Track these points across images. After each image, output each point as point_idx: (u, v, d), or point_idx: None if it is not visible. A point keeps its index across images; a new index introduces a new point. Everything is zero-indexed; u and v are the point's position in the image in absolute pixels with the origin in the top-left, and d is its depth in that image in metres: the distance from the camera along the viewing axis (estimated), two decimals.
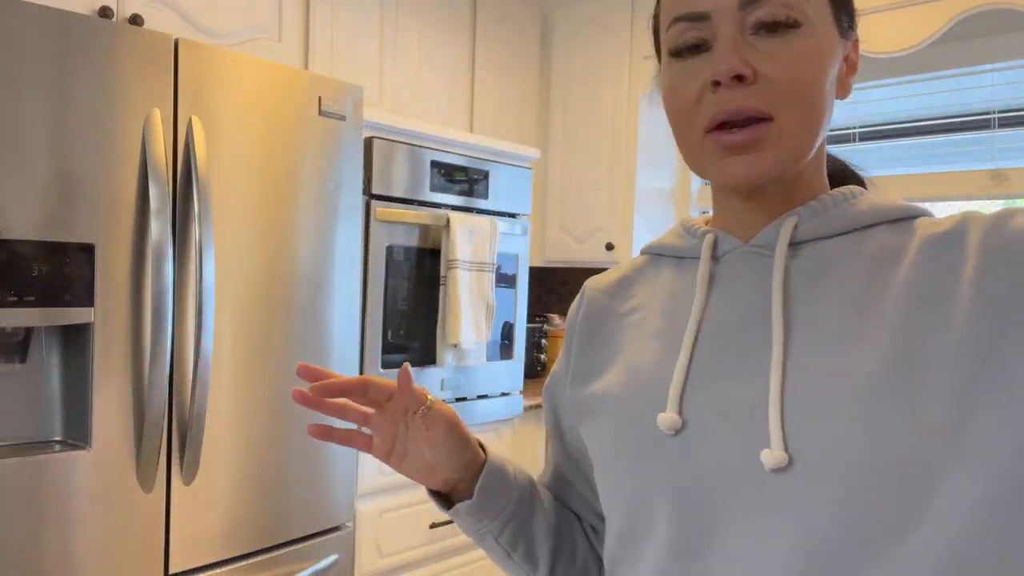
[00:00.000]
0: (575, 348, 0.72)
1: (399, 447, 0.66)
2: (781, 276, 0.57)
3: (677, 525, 0.56)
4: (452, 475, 0.67)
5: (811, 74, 0.55)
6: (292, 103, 1.65)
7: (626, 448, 0.60)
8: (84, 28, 1.33)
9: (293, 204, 1.67)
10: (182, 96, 1.47)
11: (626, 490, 0.61)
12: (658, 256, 0.70)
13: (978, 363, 0.48)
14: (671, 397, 0.57)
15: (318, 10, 2.12)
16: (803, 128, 0.55)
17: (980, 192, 2.23)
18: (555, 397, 0.76)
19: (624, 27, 2.61)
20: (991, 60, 2.23)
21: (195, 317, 1.47)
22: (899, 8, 2.03)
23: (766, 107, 0.54)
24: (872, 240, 0.57)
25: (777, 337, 0.54)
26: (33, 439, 1.38)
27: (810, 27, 0.55)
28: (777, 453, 0.51)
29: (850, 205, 0.59)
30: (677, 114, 0.59)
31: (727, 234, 0.62)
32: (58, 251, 1.31)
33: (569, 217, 2.75)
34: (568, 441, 0.75)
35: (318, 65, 2.13)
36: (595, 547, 0.76)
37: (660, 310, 0.65)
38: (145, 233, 1.42)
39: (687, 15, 0.56)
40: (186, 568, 1.51)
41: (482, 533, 0.69)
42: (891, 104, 2.48)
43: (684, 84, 0.57)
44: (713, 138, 0.56)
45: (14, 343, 1.37)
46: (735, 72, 0.53)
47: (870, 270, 0.55)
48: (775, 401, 0.52)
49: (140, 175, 1.41)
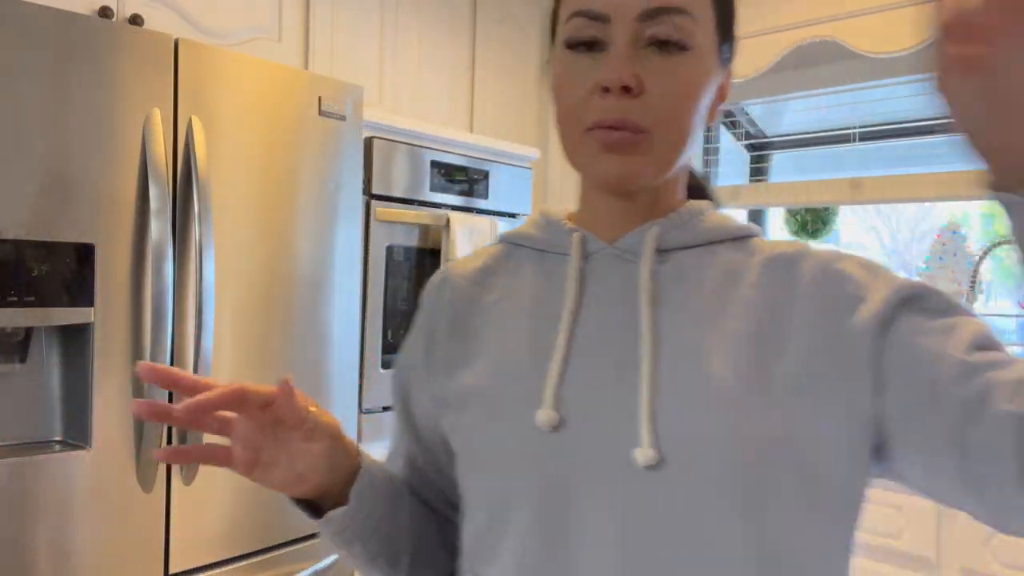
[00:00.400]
0: (440, 335, 0.70)
1: (265, 458, 0.59)
2: (648, 281, 0.61)
3: (546, 518, 0.58)
4: (327, 484, 0.63)
5: (690, 99, 0.59)
6: (292, 103, 1.65)
7: (497, 442, 0.61)
8: (84, 28, 1.33)
9: (293, 204, 1.67)
10: (182, 96, 1.47)
11: (495, 483, 0.62)
12: (517, 246, 0.71)
13: (806, 383, 0.55)
14: (548, 394, 0.59)
15: (318, 10, 2.12)
16: (673, 146, 0.60)
17: (980, 192, 2.23)
18: (407, 385, 0.73)
19: None
20: None
21: (195, 317, 1.47)
22: (899, 8, 2.04)
23: (645, 123, 0.58)
24: (720, 255, 0.62)
25: (646, 340, 0.58)
26: (33, 439, 1.38)
27: (697, 53, 0.59)
28: (648, 451, 0.54)
29: (702, 220, 0.64)
30: (564, 108, 0.61)
31: (592, 235, 0.65)
32: (58, 251, 1.31)
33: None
34: (422, 431, 0.72)
35: (318, 65, 2.13)
36: (448, 539, 0.75)
37: (527, 304, 0.66)
38: (145, 233, 1.42)
39: (588, 12, 0.59)
40: (186, 568, 1.51)
41: (350, 540, 0.65)
42: (891, 104, 2.48)
43: (574, 81, 0.60)
44: (593, 135, 0.59)
45: (14, 343, 1.37)
46: (624, 83, 0.56)
47: (721, 283, 0.60)
48: (645, 402, 0.56)
49: (140, 175, 1.41)
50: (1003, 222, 0.45)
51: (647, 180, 0.60)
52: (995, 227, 3.23)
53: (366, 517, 0.65)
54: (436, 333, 0.70)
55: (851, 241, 3.58)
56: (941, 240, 2.37)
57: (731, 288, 0.60)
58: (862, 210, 3.27)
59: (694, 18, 0.58)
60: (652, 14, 0.57)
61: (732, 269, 0.61)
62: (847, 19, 2.12)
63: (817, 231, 2.72)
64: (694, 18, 0.58)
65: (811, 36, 2.18)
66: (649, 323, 0.59)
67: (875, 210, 3.41)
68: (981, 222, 3.21)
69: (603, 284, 0.63)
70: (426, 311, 0.73)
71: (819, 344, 0.56)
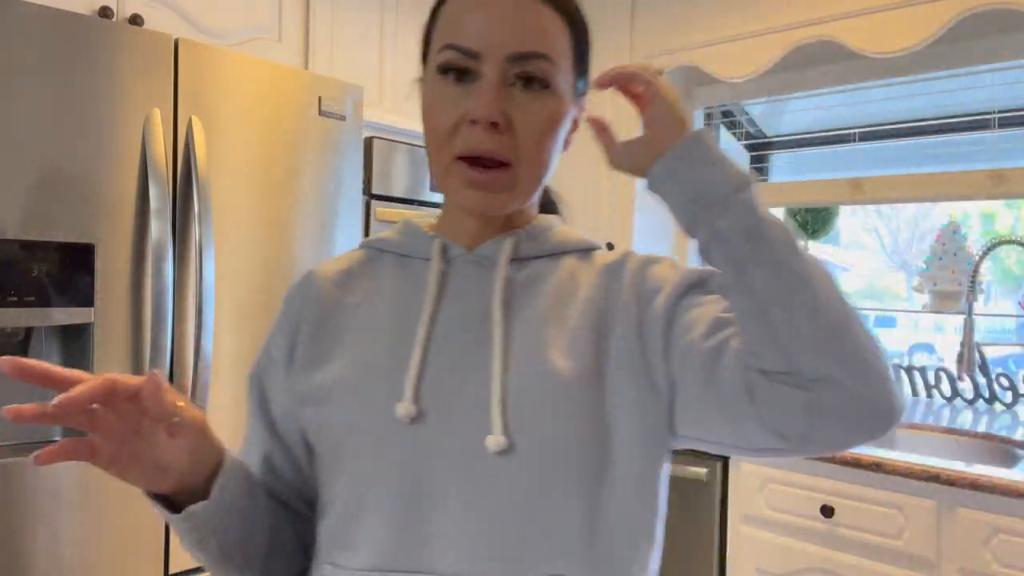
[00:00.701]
0: (304, 334, 0.72)
1: (126, 452, 0.58)
2: (502, 286, 0.67)
3: (404, 505, 0.62)
4: (187, 479, 0.63)
5: (550, 134, 0.66)
6: (292, 103, 1.65)
7: (359, 434, 0.65)
8: (84, 28, 1.33)
9: (293, 204, 1.67)
10: (182, 96, 1.47)
11: (356, 473, 0.65)
12: (379, 252, 0.75)
13: (637, 374, 0.64)
14: (408, 388, 0.63)
15: (318, 10, 2.12)
16: (534, 178, 0.67)
17: (980, 192, 2.23)
18: (266, 383, 0.74)
19: (624, 27, 2.61)
20: (991, 60, 2.23)
21: (195, 317, 1.47)
22: (899, 8, 2.03)
23: (510, 157, 0.64)
24: (565, 264, 0.71)
25: (497, 339, 0.64)
26: (33, 439, 1.38)
27: (556, 93, 0.66)
28: (500, 438, 0.60)
29: (552, 233, 0.73)
30: (434, 133, 0.66)
31: (453, 242, 0.71)
32: (58, 251, 1.31)
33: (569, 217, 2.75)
34: (280, 428, 0.73)
35: (318, 65, 2.13)
36: (303, 538, 0.75)
37: (389, 305, 0.70)
38: (145, 233, 1.42)
39: (460, 48, 0.64)
40: (186, 568, 1.51)
41: (206, 536, 0.65)
42: (891, 104, 2.48)
43: (445, 109, 0.65)
44: (461, 168, 0.64)
45: (14, 343, 1.37)
46: (492, 119, 0.62)
47: (565, 287, 0.69)
48: (496, 393, 0.62)
49: (140, 175, 1.41)
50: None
51: (509, 210, 0.68)
52: (995, 227, 3.23)
53: (226, 512, 0.65)
54: (299, 332, 0.72)
55: (851, 241, 3.58)
56: (941, 240, 2.37)
57: (573, 291, 0.68)
58: (862, 210, 3.27)
59: (555, 63, 0.65)
60: (520, 57, 0.63)
61: (575, 275, 0.70)
62: (847, 19, 2.11)
63: (817, 231, 2.71)
64: (555, 63, 0.65)
65: (811, 36, 2.18)
66: (501, 322, 0.65)
67: (875, 210, 3.41)
68: (981, 222, 3.21)
69: (462, 287, 0.69)
70: (289, 310, 0.74)
71: (633, 329, 0.65)
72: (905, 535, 1.65)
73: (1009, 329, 3.10)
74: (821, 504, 1.76)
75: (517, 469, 0.61)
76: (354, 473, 0.65)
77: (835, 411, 0.56)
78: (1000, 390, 2.29)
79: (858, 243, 3.62)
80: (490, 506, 0.61)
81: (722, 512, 1.94)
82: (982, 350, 2.27)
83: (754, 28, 2.30)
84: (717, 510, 1.94)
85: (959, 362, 2.20)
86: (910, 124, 2.48)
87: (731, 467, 1.92)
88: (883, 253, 3.72)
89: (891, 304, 3.70)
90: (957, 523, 1.60)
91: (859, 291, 3.58)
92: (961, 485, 1.55)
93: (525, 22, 0.64)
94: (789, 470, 1.81)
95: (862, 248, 3.61)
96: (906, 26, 2.02)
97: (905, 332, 4.10)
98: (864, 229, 3.57)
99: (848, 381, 0.55)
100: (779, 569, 1.82)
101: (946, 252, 2.35)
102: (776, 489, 1.83)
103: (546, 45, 0.64)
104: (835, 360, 0.55)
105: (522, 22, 0.64)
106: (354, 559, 0.64)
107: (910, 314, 3.86)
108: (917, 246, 3.57)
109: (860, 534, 1.71)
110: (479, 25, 0.63)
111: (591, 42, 0.72)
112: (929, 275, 2.37)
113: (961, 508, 1.59)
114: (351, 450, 0.65)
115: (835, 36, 2.15)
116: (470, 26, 0.63)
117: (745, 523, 1.89)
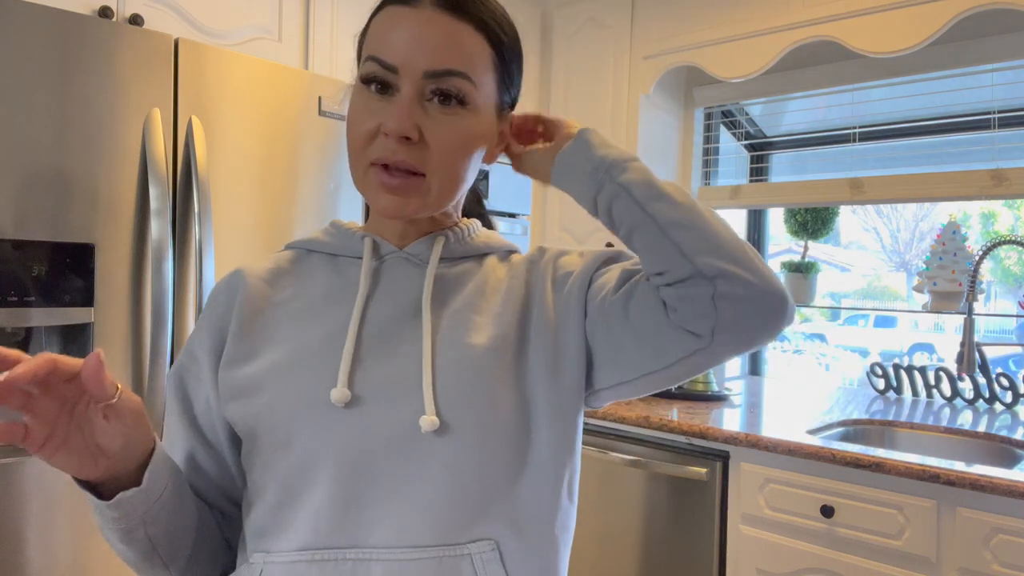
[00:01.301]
0: (232, 331, 0.72)
1: (59, 435, 0.57)
2: (432, 282, 0.72)
3: (341, 488, 0.65)
4: (118, 467, 0.62)
5: (463, 151, 0.69)
6: (292, 103, 1.65)
7: (294, 421, 0.66)
8: (84, 28, 1.33)
9: (293, 204, 1.67)
10: (182, 96, 1.47)
11: (291, 459, 0.67)
12: (308, 252, 0.79)
13: (552, 353, 0.71)
14: (341, 374, 0.66)
15: (318, 10, 2.12)
16: (446, 190, 0.70)
17: (980, 192, 2.23)
18: (187, 380, 0.74)
19: (624, 27, 2.61)
20: (991, 60, 2.23)
21: (195, 317, 1.47)
22: (899, 8, 2.03)
23: (421, 167, 0.68)
24: (487, 264, 0.77)
25: (427, 329, 0.69)
26: None
27: (474, 111, 0.69)
28: (432, 418, 0.64)
29: (476, 236, 0.78)
30: (353, 139, 0.69)
31: (383, 240, 0.76)
32: (58, 251, 1.31)
33: (569, 217, 2.75)
34: (203, 425, 0.74)
35: (318, 65, 2.13)
36: (226, 535, 0.76)
37: (321, 300, 0.73)
38: (145, 233, 1.42)
39: (380, 61, 0.67)
40: None
41: (134, 526, 0.65)
42: (891, 104, 2.48)
43: (364, 118, 0.68)
44: (376, 174, 0.68)
45: (14, 343, 1.37)
46: (404, 133, 0.65)
47: (488, 283, 0.74)
48: (427, 378, 0.66)
49: (140, 175, 1.42)
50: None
51: (422, 215, 0.71)
52: (995, 227, 3.23)
53: (155, 501, 0.65)
54: (226, 329, 0.73)
55: (851, 241, 3.58)
56: (941, 240, 2.37)
57: (496, 284, 0.75)
58: (862, 210, 3.27)
59: (474, 83, 0.68)
60: (436, 74, 0.66)
61: (496, 271, 0.76)
62: (847, 19, 2.11)
63: (817, 231, 2.71)
64: (474, 83, 0.68)
65: (811, 36, 2.18)
66: (429, 315, 0.70)
67: (875, 210, 3.41)
68: (981, 222, 3.21)
69: (393, 282, 0.73)
70: (216, 308, 0.75)
71: (548, 309, 0.73)
72: (905, 535, 1.65)
73: (1009, 329, 3.10)
74: (821, 504, 1.75)
75: (450, 446, 0.65)
76: (289, 460, 0.67)
77: (736, 298, 0.64)
78: (1000, 390, 2.29)
79: (858, 243, 3.62)
80: (425, 481, 0.65)
81: (722, 512, 1.94)
82: (982, 350, 2.27)
83: (754, 28, 2.30)
84: (717, 510, 1.94)
85: (959, 362, 2.20)
86: (910, 124, 2.48)
87: (731, 467, 1.92)
88: (883, 253, 3.72)
89: (891, 304, 3.70)
90: (957, 523, 1.60)
91: (859, 291, 3.58)
92: (961, 485, 1.55)
93: (444, 40, 0.67)
94: (789, 470, 1.81)
95: (862, 248, 3.61)
96: (906, 26, 2.02)
97: (905, 332, 4.10)
98: (864, 229, 3.57)
99: (743, 272, 0.64)
100: (779, 569, 1.82)
101: (946, 252, 2.35)
102: (776, 489, 1.83)
103: (464, 64, 0.67)
104: (730, 258, 0.64)
105: (441, 40, 0.67)
106: (286, 543, 0.65)
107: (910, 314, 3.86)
108: (917, 246, 3.57)
109: (860, 534, 1.71)
110: (400, 41, 0.66)
111: (521, 54, 0.76)
112: (929, 275, 2.36)
113: (961, 508, 1.59)
114: (284, 437, 0.67)
115: (835, 36, 2.14)
116: (393, 41, 0.67)
117: (745, 523, 1.89)
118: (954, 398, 2.36)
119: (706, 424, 1.97)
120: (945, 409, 2.28)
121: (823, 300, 3.05)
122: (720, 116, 2.88)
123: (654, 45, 2.54)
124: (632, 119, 2.60)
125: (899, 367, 2.49)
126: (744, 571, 1.88)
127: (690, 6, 2.44)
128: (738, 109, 2.86)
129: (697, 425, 1.96)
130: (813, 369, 3.67)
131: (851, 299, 3.53)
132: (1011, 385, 2.27)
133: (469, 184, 0.74)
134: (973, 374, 2.30)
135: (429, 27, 0.67)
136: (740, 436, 1.87)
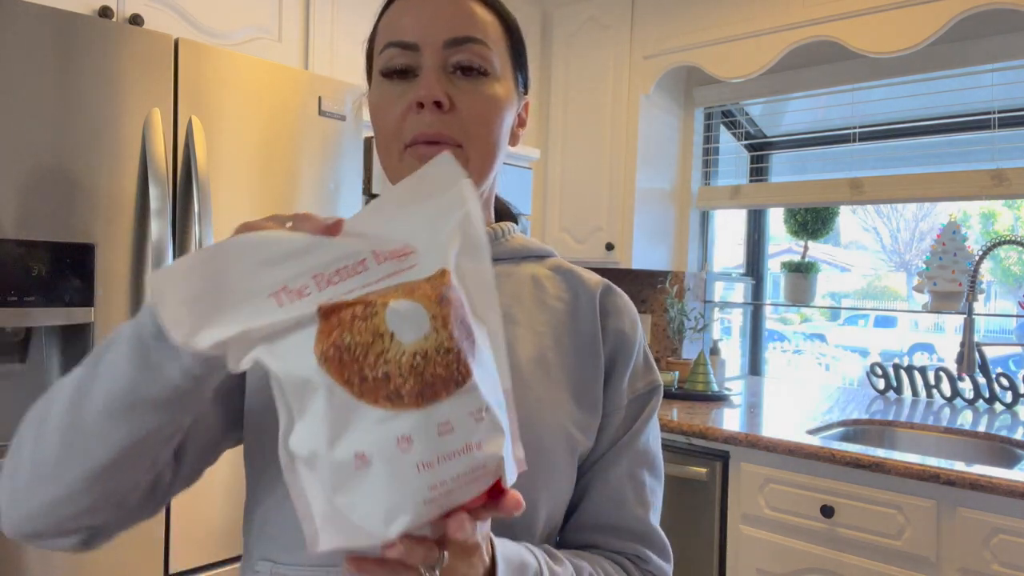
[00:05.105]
0: None
1: None
2: None
3: None
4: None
5: (494, 114, 0.68)
6: (292, 103, 1.65)
7: None
8: (84, 28, 1.33)
9: (293, 204, 1.67)
10: (182, 96, 1.47)
11: None
12: None
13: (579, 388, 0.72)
14: None
15: (318, 10, 2.12)
16: (486, 158, 0.69)
17: (980, 192, 2.23)
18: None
19: (624, 27, 2.61)
20: (991, 60, 2.23)
21: None
22: (899, 8, 2.04)
23: (458, 136, 0.66)
24: (525, 268, 0.76)
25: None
26: None
27: (496, 78, 0.69)
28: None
29: (509, 239, 0.77)
30: (383, 130, 0.68)
31: None
32: (58, 251, 1.31)
33: (569, 217, 2.75)
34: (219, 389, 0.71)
35: (318, 65, 2.13)
36: (147, 468, 0.62)
37: None
38: (145, 233, 1.42)
39: (399, 42, 0.67)
40: (186, 568, 1.51)
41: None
42: (891, 104, 2.48)
43: (391, 104, 0.67)
44: (412, 153, 0.66)
45: (14, 343, 1.37)
46: (435, 98, 0.64)
47: (529, 290, 0.74)
48: None
49: (140, 175, 1.42)
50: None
51: None
52: (995, 227, 3.23)
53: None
54: None
55: (851, 241, 3.58)
56: (941, 240, 2.37)
57: (537, 295, 0.74)
58: (862, 210, 3.27)
59: (491, 48, 0.68)
60: (456, 42, 0.66)
61: (539, 281, 0.75)
62: (847, 19, 2.11)
63: (817, 231, 2.71)
64: (491, 48, 0.68)
65: (811, 36, 2.18)
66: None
67: (875, 210, 3.41)
68: (981, 222, 3.21)
69: None
70: None
71: (597, 370, 0.73)
72: (905, 535, 1.65)
73: (1009, 329, 3.10)
74: (821, 504, 1.76)
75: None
76: None
77: None
78: (1000, 390, 2.29)
79: (858, 243, 3.62)
80: None
81: (722, 512, 1.94)
82: (982, 350, 2.27)
83: (754, 28, 2.30)
84: (717, 510, 1.94)
85: (959, 362, 2.20)
86: (910, 124, 2.48)
87: (731, 467, 1.92)
88: (883, 253, 3.72)
89: (891, 304, 3.70)
90: (957, 523, 1.59)
91: (859, 291, 3.58)
92: (961, 485, 1.55)
93: (459, 12, 0.68)
94: (789, 470, 1.81)
95: (862, 248, 3.61)
96: (906, 26, 2.02)
97: (905, 332, 4.10)
98: (864, 229, 3.57)
99: None
100: (779, 569, 1.82)
101: (946, 252, 2.35)
102: (776, 489, 1.83)
103: (480, 31, 0.68)
104: None
105: (457, 11, 0.67)
106: (296, 555, 0.64)
107: (910, 314, 3.86)
108: (917, 246, 3.57)
109: (860, 534, 1.71)
110: (416, 20, 0.67)
111: (525, 44, 0.76)
112: (929, 275, 2.36)
113: (961, 508, 1.59)
114: None
115: (835, 36, 2.15)
116: (408, 22, 0.67)
117: (745, 523, 1.89)
118: (954, 398, 2.36)
119: (706, 424, 1.97)
120: (945, 409, 2.28)
121: (823, 300, 3.05)
122: (720, 116, 2.88)
123: (654, 45, 2.54)
124: (632, 119, 2.60)
125: (899, 367, 2.49)
126: (744, 571, 1.88)
127: (690, 6, 2.44)
128: (738, 109, 2.86)
129: (697, 425, 1.96)
130: (813, 369, 3.67)
131: (851, 299, 3.53)
132: (1011, 385, 2.27)
133: (502, 158, 0.73)
134: (973, 374, 2.30)
135: (442, 4, 0.67)
136: (740, 436, 1.87)
